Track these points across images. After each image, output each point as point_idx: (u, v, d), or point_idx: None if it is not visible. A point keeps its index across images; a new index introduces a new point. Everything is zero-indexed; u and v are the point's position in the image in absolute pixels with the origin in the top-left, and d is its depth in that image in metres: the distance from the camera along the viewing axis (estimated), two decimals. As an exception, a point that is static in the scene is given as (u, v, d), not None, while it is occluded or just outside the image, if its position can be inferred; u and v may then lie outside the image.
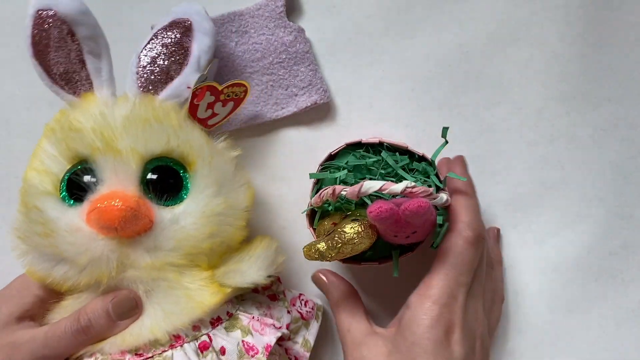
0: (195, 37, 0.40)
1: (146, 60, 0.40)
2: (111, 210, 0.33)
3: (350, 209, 0.40)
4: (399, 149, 0.42)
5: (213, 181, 0.37)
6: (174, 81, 0.40)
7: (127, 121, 0.36)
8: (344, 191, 0.37)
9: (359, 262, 0.41)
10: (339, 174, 0.41)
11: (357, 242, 0.35)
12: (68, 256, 0.35)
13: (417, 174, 0.41)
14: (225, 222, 0.38)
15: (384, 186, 0.35)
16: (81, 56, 0.39)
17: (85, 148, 0.36)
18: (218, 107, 0.41)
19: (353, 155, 0.42)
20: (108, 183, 0.36)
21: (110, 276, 0.36)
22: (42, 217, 0.35)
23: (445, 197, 0.38)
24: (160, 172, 0.37)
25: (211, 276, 0.38)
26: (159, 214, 0.36)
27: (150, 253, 0.36)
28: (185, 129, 0.38)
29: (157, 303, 0.36)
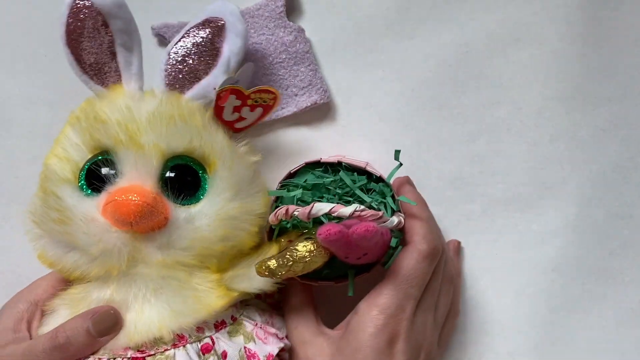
0: (227, 38, 0.40)
1: (176, 58, 0.40)
2: (128, 204, 0.34)
3: (307, 227, 0.40)
4: (357, 169, 0.42)
5: (231, 185, 0.38)
6: (202, 81, 0.40)
7: (152, 117, 0.37)
8: (296, 211, 0.37)
9: (315, 281, 0.41)
10: (296, 193, 0.41)
11: (308, 261, 0.35)
12: (81, 245, 0.35)
13: (374, 195, 0.42)
14: (239, 227, 0.38)
15: (334, 209, 0.35)
16: (113, 48, 0.39)
17: (108, 139, 0.36)
18: (245, 112, 0.41)
19: (312, 174, 0.42)
20: (127, 176, 0.36)
21: (121, 269, 0.36)
22: (60, 204, 0.36)
23: (397, 220, 0.38)
24: (179, 170, 0.37)
25: (219, 279, 0.38)
26: (175, 212, 0.36)
27: (162, 250, 0.36)
28: (209, 130, 0.38)
29: (165, 301, 0.36)
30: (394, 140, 0.49)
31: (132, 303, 0.36)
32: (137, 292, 0.36)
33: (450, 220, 0.49)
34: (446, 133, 0.49)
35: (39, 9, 0.49)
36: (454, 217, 0.49)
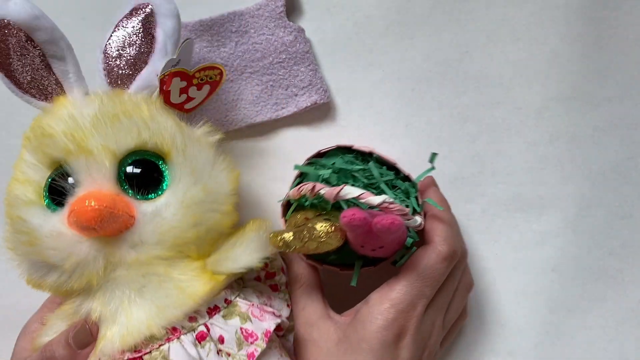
0: (159, 22, 0.39)
1: (111, 54, 0.39)
2: (85, 211, 0.33)
3: (326, 209, 0.40)
4: (387, 163, 0.42)
5: (189, 170, 0.37)
6: (143, 71, 0.39)
7: (96, 119, 0.36)
8: (323, 190, 0.37)
9: (321, 264, 0.41)
10: (323, 172, 0.41)
11: (323, 242, 0.35)
12: (55, 262, 0.35)
13: (398, 192, 0.42)
14: (209, 209, 0.37)
15: (363, 195, 0.35)
16: (45, 61, 0.38)
17: (59, 152, 0.36)
18: (193, 91, 0.40)
19: (341, 158, 0.42)
20: (85, 184, 0.35)
21: (99, 276, 0.35)
22: (26, 227, 0.36)
23: (420, 221, 0.38)
24: (138, 166, 0.37)
25: (203, 266, 0.37)
26: (141, 208, 0.36)
27: (135, 249, 0.36)
28: (158, 119, 0.37)
29: (150, 298, 0.36)
30: (394, 140, 0.49)
31: (120, 307, 0.36)
32: (121, 295, 0.36)
33: (450, 220, 0.49)
34: (446, 133, 0.49)
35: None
36: (454, 217, 0.49)
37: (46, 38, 0.37)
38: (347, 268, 0.42)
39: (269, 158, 0.49)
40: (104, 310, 0.36)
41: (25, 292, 0.38)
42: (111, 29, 0.40)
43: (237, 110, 0.48)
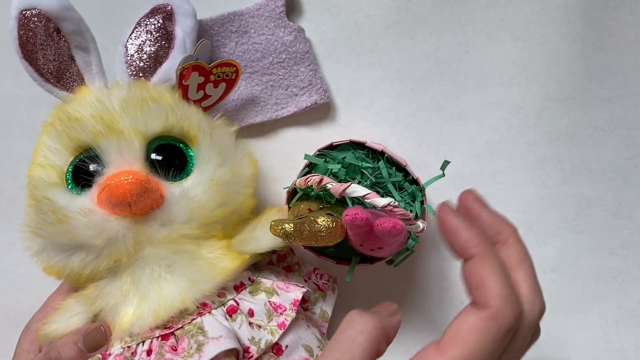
0: (178, 20, 0.41)
1: (133, 48, 0.41)
2: (122, 185, 0.34)
3: (331, 202, 0.40)
4: (397, 164, 0.42)
5: (217, 152, 0.38)
6: (163, 65, 0.41)
7: (125, 103, 0.37)
8: (330, 184, 0.37)
9: (319, 254, 0.42)
10: (333, 166, 0.41)
11: (323, 236, 0.36)
12: (84, 240, 0.35)
13: (405, 195, 0.42)
14: (234, 190, 0.39)
15: (369, 195, 0.35)
16: (70, 52, 0.39)
17: (87, 135, 0.36)
18: (210, 89, 0.42)
19: (353, 153, 0.43)
20: (114, 164, 0.36)
21: (129, 254, 0.36)
22: (54, 206, 0.36)
23: (422, 226, 0.38)
24: (163, 151, 0.38)
25: (228, 245, 0.39)
26: (169, 189, 0.36)
27: (165, 227, 0.36)
28: (182, 106, 0.39)
29: (181, 274, 0.37)
30: (394, 140, 0.49)
31: (149, 284, 0.36)
32: (151, 272, 0.36)
33: (450, 220, 0.49)
34: (446, 133, 0.49)
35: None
36: (454, 217, 0.49)
37: (73, 29, 0.38)
38: (343, 262, 0.42)
39: (269, 158, 0.49)
40: (132, 289, 0.36)
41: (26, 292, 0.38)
42: (132, 25, 0.41)
43: (237, 110, 0.48)
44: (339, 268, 0.46)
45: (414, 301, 0.49)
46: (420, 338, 0.49)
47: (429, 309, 0.49)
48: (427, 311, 0.49)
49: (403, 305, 0.49)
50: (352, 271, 0.41)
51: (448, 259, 0.49)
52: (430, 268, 0.49)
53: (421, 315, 0.49)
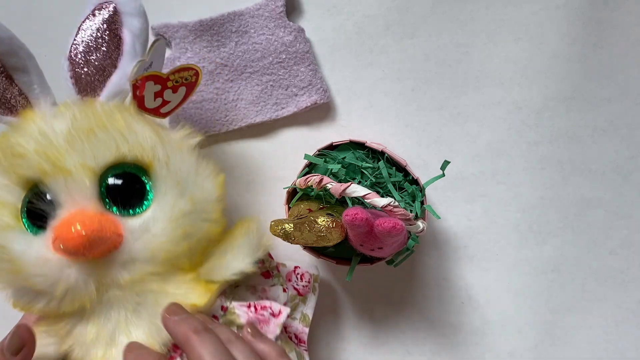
0: (124, 22, 0.36)
1: (77, 60, 0.37)
2: (73, 237, 0.31)
3: (331, 202, 0.40)
4: (397, 164, 0.42)
5: (174, 182, 0.35)
6: (112, 77, 0.36)
7: (70, 136, 0.33)
8: (330, 184, 0.37)
9: (318, 254, 0.42)
10: (333, 166, 0.41)
11: (323, 236, 0.36)
12: (42, 289, 0.33)
13: (405, 195, 0.42)
14: (198, 219, 0.36)
15: (369, 195, 0.35)
16: (5, 73, 0.35)
17: (33, 172, 0.33)
18: (168, 95, 0.38)
19: (353, 153, 0.43)
20: (66, 205, 0.33)
21: (92, 299, 0.34)
22: (8, 255, 0.33)
23: (422, 226, 0.38)
24: (119, 179, 0.34)
25: (196, 277, 0.36)
26: (127, 224, 0.34)
27: (127, 267, 0.34)
28: (135, 128, 0.35)
29: (148, 316, 0.35)
30: (394, 140, 0.49)
31: (117, 328, 0.35)
32: (117, 317, 0.35)
33: (450, 220, 0.49)
34: (446, 133, 0.49)
35: (39, 9, 0.49)
36: (454, 217, 0.49)
37: (4, 49, 0.34)
38: (343, 261, 0.42)
39: (269, 158, 0.49)
40: (100, 332, 0.35)
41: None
42: (74, 32, 0.37)
43: (237, 110, 0.48)
44: (339, 268, 0.46)
45: (414, 301, 0.49)
46: (420, 338, 0.49)
47: (429, 309, 0.49)
48: (427, 311, 0.49)
49: (403, 305, 0.49)
50: (352, 271, 0.41)
51: (448, 259, 0.49)
52: (430, 268, 0.49)
53: (421, 315, 0.49)
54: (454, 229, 0.49)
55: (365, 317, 0.49)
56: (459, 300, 0.49)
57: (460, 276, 0.49)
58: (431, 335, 0.49)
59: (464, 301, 0.49)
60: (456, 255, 0.49)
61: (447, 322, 0.49)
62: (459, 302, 0.49)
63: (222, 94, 0.48)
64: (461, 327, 0.49)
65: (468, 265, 0.49)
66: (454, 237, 0.49)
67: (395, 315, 0.49)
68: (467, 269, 0.49)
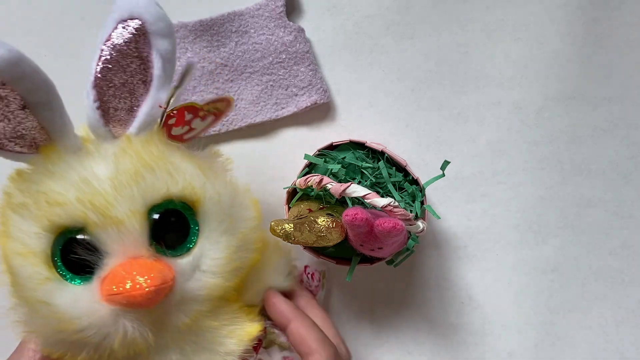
0: (153, 44, 0.33)
1: (104, 89, 0.33)
2: (139, 294, 0.29)
3: (331, 202, 0.40)
4: (397, 164, 0.42)
5: (225, 216, 0.33)
6: (142, 106, 0.33)
7: (117, 182, 0.31)
8: (330, 184, 0.37)
9: (318, 254, 0.42)
10: (333, 166, 0.41)
11: (323, 236, 0.36)
12: (95, 341, 0.31)
13: (405, 195, 0.42)
14: (247, 251, 0.35)
15: (369, 195, 0.35)
16: (26, 108, 0.30)
17: (75, 222, 0.31)
18: (196, 123, 0.36)
19: (353, 153, 0.43)
20: (117, 254, 0.31)
21: (150, 346, 0.32)
22: (55, 311, 0.30)
23: (422, 226, 0.38)
24: (162, 215, 0.32)
25: (241, 305, 0.36)
26: (177, 265, 0.32)
27: (182, 309, 0.33)
28: (177, 164, 0.33)
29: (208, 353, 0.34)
30: (394, 140, 0.49)
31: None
32: (175, 357, 0.34)
33: (450, 220, 0.49)
34: (446, 133, 0.49)
35: (39, 9, 0.49)
36: (454, 217, 0.49)
37: (29, 86, 0.30)
38: (343, 261, 0.42)
39: (269, 158, 0.49)
40: None
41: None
42: (96, 54, 0.33)
43: (237, 110, 0.48)
44: (339, 268, 0.46)
45: (414, 301, 0.49)
46: (420, 338, 0.49)
47: (429, 309, 0.49)
48: (427, 311, 0.49)
49: (403, 305, 0.49)
50: (352, 271, 0.41)
51: (448, 259, 0.49)
52: (430, 268, 0.49)
53: (421, 315, 0.49)
54: (454, 229, 0.49)
55: (365, 317, 0.49)
56: (459, 300, 0.49)
57: (460, 276, 0.49)
58: (431, 335, 0.49)
59: (464, 301, 0.49)
60: (456, 255, 0.49)
61: (447, 322, 0.49)
62: (459, 302, 0.49)
63: (222, 94, 0.48)
64: (461, 327, 0.49)
65: (468, 265, 0.49)
66: (454, 237, 0.49)
67: (395, 315, 0.49)
68: (467, 269, 0.49)
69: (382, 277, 0.49)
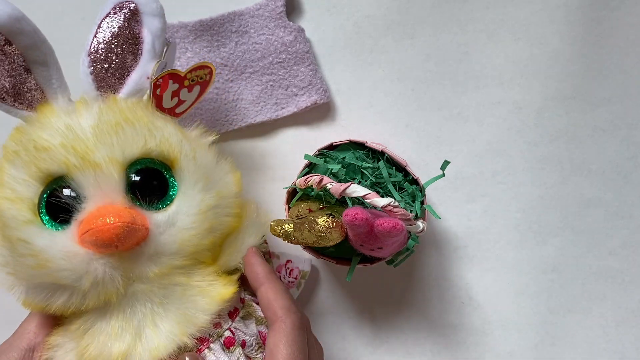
0: (145, 22, 0.37)
1: (98, 57, 0.37)
2: (107, 229, 0.31)
3: (331, 202, 0.40)
4: (397, 164, 0.42)
5: (201, 174, 0.35)
6: (132, 75, 0.37)
7: (98, 130, 0.34)
8: (330, 184, 0.37)
9: (318, 254, 0.42)
10: (332, 166, 0.41)
11: (323, 236, 0.36)
12: (69, 283, 0.33)
13: (405, 195, 0.42)
14: (222, 214, 0.36)
15: (369, 195, 0.35)
16: (25, 65, 0.35)
17: (59, 167, 0.33)
18: (184, 94, 0.39)
19: (353, 153, 0.43)
20: (93, 199, 0.33)
21: (119, 293, 0.34)
22: (32, 249, 0.32)
23: (422, 226, 0.38)
24: (142, 175, 0.35)
25: (217, 269, 0.37)
26: (152, 218, 0.34)
27: (154, 260, 0.34)
28: (159, 125, 0.36)
29: (176, 309, 0.35)
30: (394, 140, 0.49)
31: (143, 321, 0.34)
32: (143, 310, 0.35)
33: (450, 220, 0.49)
34: (446, 133, 0.49)
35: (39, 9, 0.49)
36: (454, 217, 0.49)
37: (28, 43, 0.34)
38: (343, 261, 0.42)
39: (269, 158, 0.49)
40: (125, 326, 0.34)
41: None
42: (94, 28, 0.37)
43: (237, 110, 0.48)
44: (339, 268, 0.46)
45: (414, 301, 0.49)
46: (420, 338, 0.49)
47: (429, 309, 0.49)
48: (427, 311, 0.49)
49: (403, 305, 0.49)
50: (352, 271, 0.41)
51: (448, 259, 0.49)
52: (430, 268, 0.49)
53: (421, 315, 0.49)
54: (454, 229, 0.49)
55: (365, 317, 0.49)
56: (459, 300, 0.49)
57: (460, 276, 0.49)
58: (431, 335, 0.49)
59: (464, 301, 0.49)
60: (456, 255, 0.49)
61: (447, 322, 0.49)
62: (459, 302, 0.49)
63: (222, 94, 0.48)
64: (461, 327, 0.49)
65: (468, 265, 0.49)
66: (454, 237, 0.49)
67: (395, 315, 0.49)
68: (467, 269, 0.49)
69: (382, 277, 0.49)
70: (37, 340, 0.36)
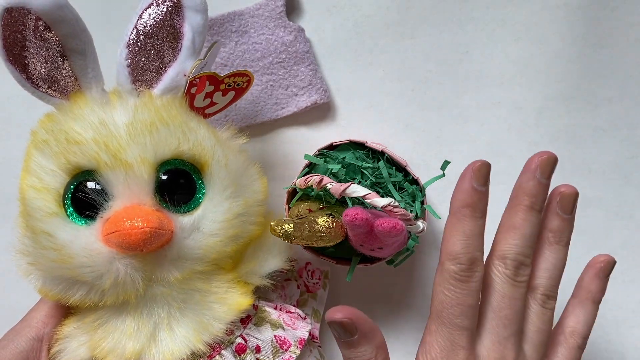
0: (187, 17, 0.36)
1: (136, 50, 0.36)
2: (135, 233, 0.31)
3: (331, 202, 0.40)
4: (397, 164, 0.42)
5: (231, 182, 0.35)
6: (169, 71, 0.36)
7: (132, 128, 0.33)
8: (329, 184, 0.37)
9: (318, 254, 0.42)
10: (333, 166, 0.41)
11: (323, 236, 0.36)
12: (88, 280, 0.33)
13: (405, 195, 0.42)
14: (248, 222, 0.36)
15: (369, 195, 0.35)
16: (63, 53, 0.34)
17: (89, 162, 0.33)
18: (217, 97, 0.38)
19: (353, 153, 0.43)
20: (121, 198, 0.33)
21: (138, 294, 0.34)
22: (55, 243, 0.32)
23: (422, 226, 0.38)
24: (171, 176, 0.34)
25: (236, 277, 0.37)
26: (178, 222, 0.33)
27: (176, 265, 0.34)
28: (193, 127, 0.35)
29: (194, 314, 0.35)
30: (394, 140, 0.49)
31: (160, 324, 0.34)
32: (161, 312, 0.34)
33: (450, 220, 0.49)
34: (446, 133, 0.49)
35: None
36: (454, 217, 0.49)
37: (68, 31, 0.33)
38: (343, 262, 0.42)
39: (269, 158, 0.49)
40: (141, 327, 0.34)
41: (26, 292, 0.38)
42: (134, 18, 0.36)
43: (237, 110, 0.48)
44: (339, 268, 0.46)
45: (414, 301, 0.49)
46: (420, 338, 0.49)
47: (429, 309, 0.49)
48: (427, 311, 0.49)
49: (403, 305, 0.49)
50: (352, 271, 0.41)
51: (448, 259, 0.49)
52: (430, 268, 0.49)
53: (421, 315, 0.49)
54: (454, 229, 0.49)
55: (365, 317, 0.49)
56: (459, 300, 0.49)
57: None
58: (431, 335, 0.49)
59: (464, 301, 0.49)
60: (456, 255, 0.49)
61: (447, 322, 0.49)
62: (459, 302, 0.49)
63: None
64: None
65: (468, 265, 0.49)
66: (454, 237, 0.49)
67: (395, 315, 0.49)
68: (467, 269, 0.49)
69: (382, 277, 0.49)
70: (46, 330, 0.36)
